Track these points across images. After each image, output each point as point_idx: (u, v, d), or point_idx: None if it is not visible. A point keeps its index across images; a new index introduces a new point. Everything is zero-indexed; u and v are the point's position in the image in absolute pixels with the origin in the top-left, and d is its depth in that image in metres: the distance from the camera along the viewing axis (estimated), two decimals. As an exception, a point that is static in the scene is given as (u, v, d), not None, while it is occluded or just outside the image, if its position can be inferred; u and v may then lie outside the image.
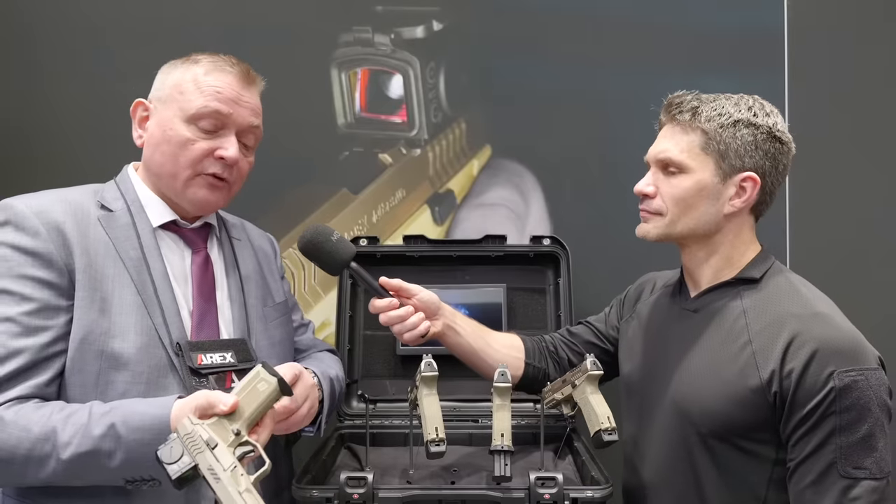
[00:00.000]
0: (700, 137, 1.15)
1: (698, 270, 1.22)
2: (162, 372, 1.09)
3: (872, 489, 1.02)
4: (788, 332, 1.08)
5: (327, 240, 1.25)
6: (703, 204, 1.16)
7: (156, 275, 1.12)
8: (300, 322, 1.43)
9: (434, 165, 1.88)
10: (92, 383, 1.05)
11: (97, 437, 0.97)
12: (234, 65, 1.18)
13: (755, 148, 1.15)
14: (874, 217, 1.85)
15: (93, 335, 1.05)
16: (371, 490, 1.12)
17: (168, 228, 1.18)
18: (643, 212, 1.22)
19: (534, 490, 1.13)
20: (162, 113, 1.15)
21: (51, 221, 1.07)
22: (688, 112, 1.16)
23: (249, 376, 0.95)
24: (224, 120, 1.15)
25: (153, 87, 1.19)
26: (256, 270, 1.29)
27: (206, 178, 1.16)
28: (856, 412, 1.03)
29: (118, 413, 0.99)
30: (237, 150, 1.16)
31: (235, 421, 0.92)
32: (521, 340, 1.43)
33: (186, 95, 1.14)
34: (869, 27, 1.84)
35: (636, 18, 1.84)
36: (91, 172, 1.24)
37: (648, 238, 1.22)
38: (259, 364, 0.97)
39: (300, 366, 1.15)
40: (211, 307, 1.18)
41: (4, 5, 1.83)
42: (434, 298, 1.32)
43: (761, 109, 1.16)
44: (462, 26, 1.85)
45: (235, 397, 0.93)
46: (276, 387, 0.95)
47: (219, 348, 1.14)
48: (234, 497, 0.85)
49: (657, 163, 1.20)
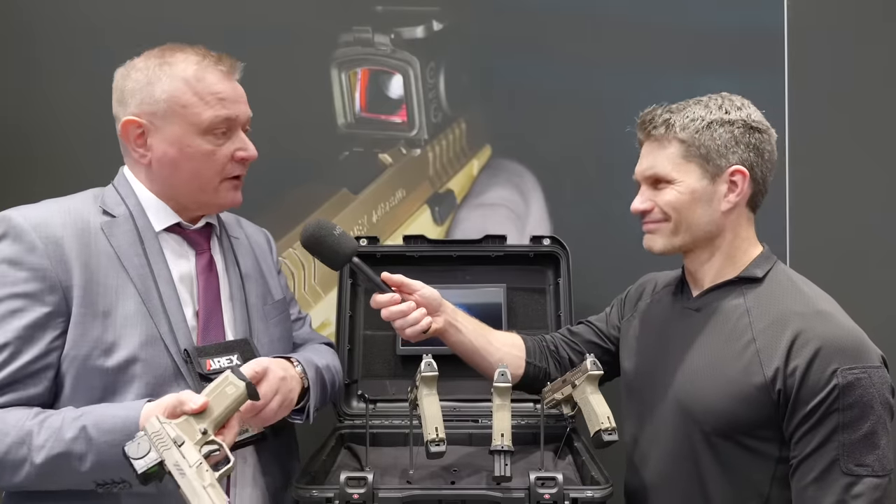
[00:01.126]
0: (678, 147, 1.17)
1: (700, 270, 1.23)
2: (168, 380, 1.09)
3: (875, 486, 1.03)
4: (792, 329, 1.08)
5: (330, 234, 1.25)
6: (698, 208, 1.17)
7: (161, 281, 1.12)
8: (297, 316, 1.43)
9: (434, 165, 1.88)
10: (98, 398, 1.05)
11: (69, 439, 0.98)
12: (218, 60, 1.16)
13: (735, 143, 1.16)
14: (874, 216, 1.85)
15: (97, 351, 1.05)
16: (371, 490, 1.12)
17: (171, 231, 1.18)
18: (647, 224, 1.23)
19: (534, 490, 1.13)
20: (167, 130, 1.12)
21: (49, 236, 1.07)
22: (661, 126, 1.18)
23: (219, 380, 0.99)
24: (234, 122, 1.16)
25: (132, 98, 1.13)
26: (255, 268, 1.30)
27: (230, 181, 1.18)
28: (858, 410, 1.03)
29: (90, 416, 1.00)
30: (252, 146, 1.19)
31: (203, 420, 0.95)
32: (522, 339, 1.43)
33: (191, 108, 1.12)
34: (869, 27, 1.84)
35: (636, 18, 1.84)
36: (91, 172, 1.24)
37: (655, 248, 1.22)
38: (228, 369, 1.00)
39: (267, 361, 1.12)
40: (217, 308, 1.19)
41: (4, 5, 1.83)
42: (436, 295, 1.33)
43: (731, 105, 1.18)
44: (462, 26, 1.85)
45: (205, 398, 0.96)
46: (243, 391, 0.99)
47: (224, 351, 1.14)
48: (199, 491, 0.88)
49: (646, 180, 1.22)
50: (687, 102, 1.20)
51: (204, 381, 1.09)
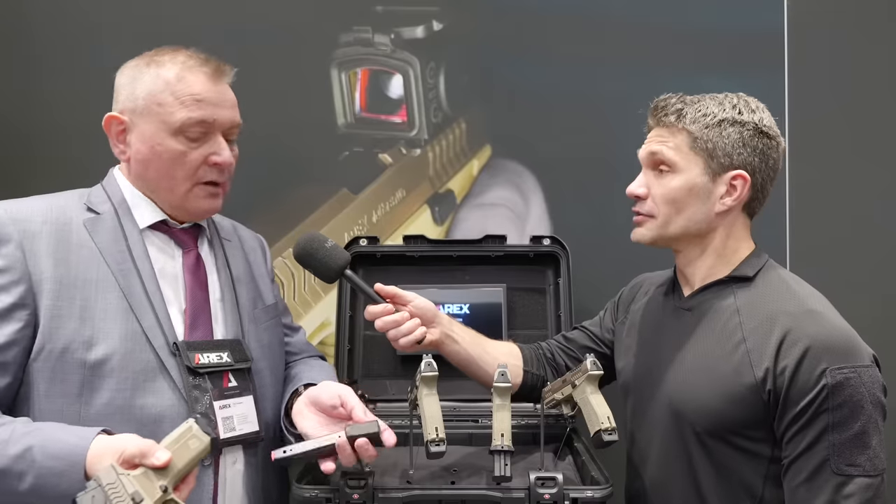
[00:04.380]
0: (686, 138, 1.16)
1: (691, 269, 1.23)
2: (149, 376, 1.08)
3: (866, 486, 1.02)
4: (781, 329, 1.08)
5: (321, 247, 1.25)
6: (693, 203, 1.17)
7: (145, 276, 1.11)
8: (291, 325, 1.43)
9: (434, 165, 1.88)
10: (75, 393, 1.04)
11: (12, 456, 0.94)
12: (205, 62, 1.15)
13: (743, 145, 1.15)
14: (874, 216, 1.85)
15: (74, 345, 1.04)
16: (371, 490, 1.12)
17: (157, 229, 1.17)
18: (636, 215, 1.23)
19: (534, 490, 1.13)
20: (143, 127, 1.12)
21: (26, 230, 1.07)
22: (672, 114, 1.17)
23: (180, 430, 0.93)
24: (210, 126, 1.13)
25: (120, 95, 1.15)
26: (247, 272, 1.29)
27: (204, 187, 1.15)
28: (848, 409, 1.03)
29: (39, 436, 0.96)
30: (229, 152, 1.15)
31: (164, 476, 0.89)
32: (519, 348, 1.44)
33: (166, 108, 1.11)
34: (869, 27, 1.84)
35: (636, 19, 1.84)
36: (91, 172, 1.24)
37: (643, 242, 1.22)
38: (192, 419, 0.95)
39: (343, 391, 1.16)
40: (205, 307, 1.18)
41: (3, 4, 1.83)
42: (430, 306, 1.32)
43: (746, 107, 1.17)
44: (462, 26, 1.85)
45: (169, 453, 0.90)
46: (207, 445, 0.93)
47: (215, 348, 1.14)
48: None
49: (648, 161, 1.21)
50: (703, 96, 1.20)
51: (191, 374, 1.09)
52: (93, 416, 1.04)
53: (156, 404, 1.08)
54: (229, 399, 1.14)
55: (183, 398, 1.09)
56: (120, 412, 1.05)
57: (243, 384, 1.16)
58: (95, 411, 1.04)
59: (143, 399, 1.06)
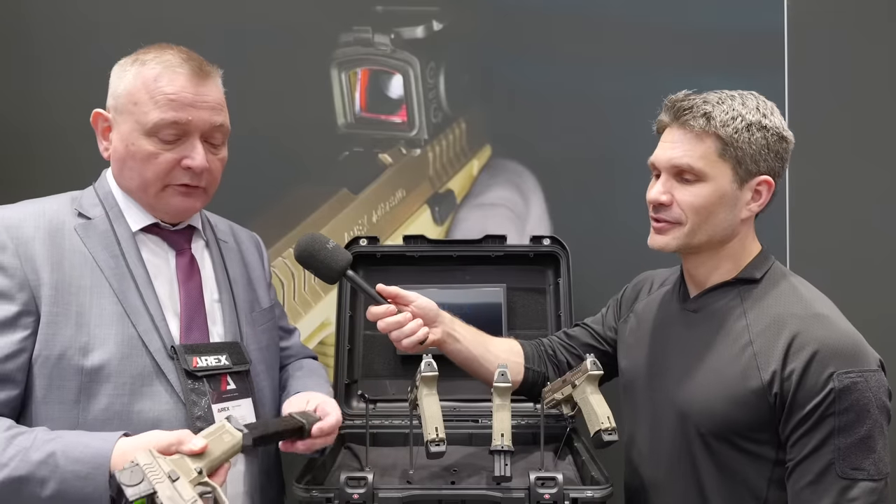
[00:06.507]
0: (716, 144, 1.11)
1: (703, 271, 1.21)
2: (146, 380, 1.07)
3: (871, 490, 1.02)
4: (789, 332, 1.08)
5: (322, 248, 1.25)
6: (721, 211, 1.14)
7: (139, 281, 1.10)
8: (286, 327, 1.43)
9: (434, 165, 1.88)
10: (72, 400, 1.03)
11: (35, 462, 0.94)
12: (184, 62, 1.11)
13: (768, 151, 1.13)
14: (874, 217, 1.85)
15: (70, 351, 1.03)
16: (371, 490, 1.12)
17: (150, 231, 1.16)
18: (658, 221, 1.18)
19: (534, 490, 1.13)
20: (121, 126, 1.11)
21: (20, 237, 1.06)
22: (701, 117, 1.11)
23: (216, 426, 0.98)
24: (184, 127, 1.09)
25: (109, 91, 1.14)
26: (244, 275, 1.28)
27: (176, 188, 1.12)
28: (854, 413, 1.03)
29: (61, 441, 0.96)
30: (203, 157, 1.11)
31: (199, 461, 0.93)
32: (521, 345, 1.44)
33: (141, 107, 1.08)
34: (869, 27, 1.84)
35: (636, 19, 1.84)
36: (90, 172, 1.24)
37: (667, 250, 1.18)
38: (225, 419, 1.00)
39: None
40: (200, 309, 1.17)
41: (2, 4, 1.83)
42: (432, 305, 1.32)
43: (766, 107, 1.15)
44: (462, 26, 1.85)
45: (205, 440, 0.95)
46: (239, 441, 0.98)
47: (213, 351, 1.13)
48: None
49: (670, 169, 1.15)
50: (720, 95, 1.15)
51: (189, 378, 1.08)
52: (90, 421, 1.03)
53: (153, 409, 1.07)
54: (228, 402, 1.13)
55: (181, 402, 1.08)
56: (118, 417, 1.04)
57: (242, 387, 1.16)
58: (93, 417, 1.04)
59: (140, 404, 1.06)
